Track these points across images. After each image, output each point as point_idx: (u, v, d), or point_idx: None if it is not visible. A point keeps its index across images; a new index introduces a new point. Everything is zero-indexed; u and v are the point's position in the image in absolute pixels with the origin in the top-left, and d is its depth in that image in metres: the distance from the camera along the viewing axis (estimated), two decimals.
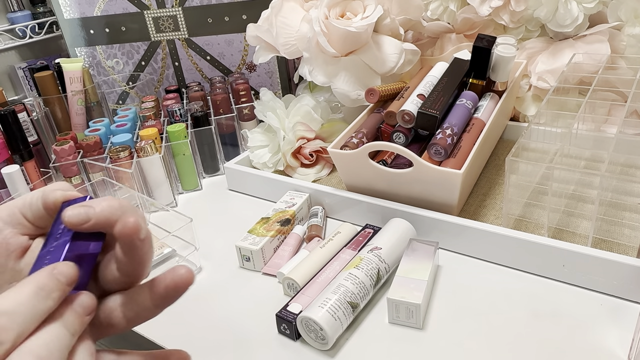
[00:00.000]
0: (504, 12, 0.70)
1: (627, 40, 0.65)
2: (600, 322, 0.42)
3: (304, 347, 0.43)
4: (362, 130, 0.60)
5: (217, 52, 0.89)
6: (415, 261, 0.47)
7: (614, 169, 0.60)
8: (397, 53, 0.65)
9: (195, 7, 0.85)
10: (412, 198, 0.55)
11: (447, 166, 0.52)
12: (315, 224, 0.58)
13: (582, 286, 0.46)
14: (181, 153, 0.69)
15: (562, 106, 0.63)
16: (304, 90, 0.87)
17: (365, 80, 0.65)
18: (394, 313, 0.44)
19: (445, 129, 0.55)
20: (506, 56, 0.60)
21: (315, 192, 0.62)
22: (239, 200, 0.69)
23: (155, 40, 0.90)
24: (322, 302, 0.42)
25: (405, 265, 0.46)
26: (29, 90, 1.14)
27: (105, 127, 0.74)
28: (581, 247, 0.45)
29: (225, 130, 0.78)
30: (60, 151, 0.66)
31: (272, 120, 0.69)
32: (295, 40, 0.67)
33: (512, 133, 0.73)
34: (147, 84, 0.93)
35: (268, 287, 0.51)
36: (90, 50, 0.93)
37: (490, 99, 0.62)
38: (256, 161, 0.71)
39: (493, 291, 0.47)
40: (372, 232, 0.53)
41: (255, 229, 0.56)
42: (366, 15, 0.63)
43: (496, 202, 0.59)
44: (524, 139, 0.51)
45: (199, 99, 0.81)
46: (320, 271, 0.48)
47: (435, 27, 0.77)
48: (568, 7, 0.65)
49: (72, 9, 0.89)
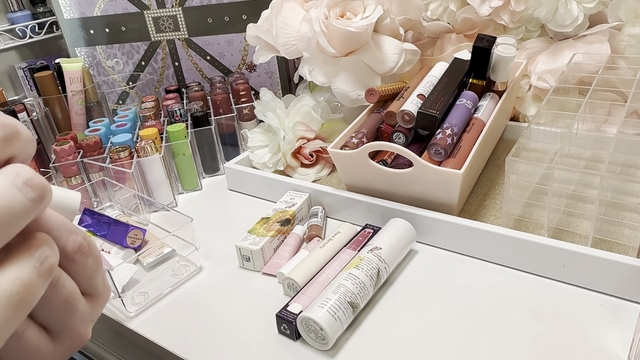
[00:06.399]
0: (504, 12, 0.70)
1: (627, 40, 0.65)
2: (600, 322, 0.42)
3: (304, 347, 0.43)
4: (362, 130, 0.60)
5: (217, 52, 0.89)
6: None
7: (614, 169, 0.60)
8: (397, 53, 0.65)
9: (195, 7, 0.85)
10: (412, 198, 0.55)
11: (447, 166, 0.52)
12: (315, 224, 0.58)
13: (582, 286, 0.46)
14: (181, 153, 0.69)
15: (562, 106, 0.63)
16: (304, 90, 0.87)
17: (365, 80, 0.65)
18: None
19: (445, 129, 0.55)
20: (506, 56, 0.60)
21: (315, 192, 0.62)
22: (239, 200, 0.69)
23: (155, 40, 0.90)
24: (322, 302, 0.42)
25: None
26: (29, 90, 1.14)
27: (105, 127, 0.74)
28: (581, 247, 0.45)
29: (225, 130, 0.78)
30: (60, 151, 0.66)
31: (272, 120, 0.69)
32: (295, 40, 0.67)
33: (512, 133, 0.73)
34: (147, 84, 0.93)
35: (268, 287, 0.51)
36: (90, 50, 0.93)
37: (490, 99, 0.62)
38: (256, 161, 0.71)
39: (493, 291, 0.47)
40: (372, 232, 0.53)
41: (255, 229, 0.56)
42: (366, 15, 0.63)
43: (496, 202, 0.59)
44: (524, 139, 0.51)
45: (199, 99, 0.81)
46: (320, 271, 0.48)
47: (435, 27, 0.77)
48: (568, 7, 0.65)
49: (72, 9, 0.89)
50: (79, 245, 0.22)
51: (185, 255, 0.56)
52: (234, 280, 0.53)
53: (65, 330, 0.23)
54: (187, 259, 0.56)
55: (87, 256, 0.23)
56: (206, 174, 0.77)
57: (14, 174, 0.18)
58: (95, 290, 0.24)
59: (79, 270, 0.23)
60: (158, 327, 0.47)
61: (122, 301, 0.48)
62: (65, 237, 0.22)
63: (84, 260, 0.23)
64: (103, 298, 0.25)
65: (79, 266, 0.22)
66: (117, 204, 0.69)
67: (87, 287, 0.24)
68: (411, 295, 0.48)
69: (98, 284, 0.24)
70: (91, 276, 0.23)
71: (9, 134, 0.19)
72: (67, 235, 0.22)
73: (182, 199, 0.71)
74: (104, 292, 0.25)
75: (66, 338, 0.23)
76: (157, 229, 0.63)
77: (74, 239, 0.22)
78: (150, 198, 0.65)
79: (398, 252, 0.50)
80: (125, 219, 0.62)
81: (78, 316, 0.23)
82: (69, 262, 0.22)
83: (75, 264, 0.22)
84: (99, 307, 0.25)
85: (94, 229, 0.59)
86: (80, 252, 0.22)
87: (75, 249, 0.22)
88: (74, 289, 0.23)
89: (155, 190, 0.68)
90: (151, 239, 0.59)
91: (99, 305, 0.25)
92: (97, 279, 0.24)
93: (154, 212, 0.66)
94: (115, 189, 0.66)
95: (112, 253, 0.56)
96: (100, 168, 0.67)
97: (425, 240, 0.55)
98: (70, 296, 0.22)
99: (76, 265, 0.22)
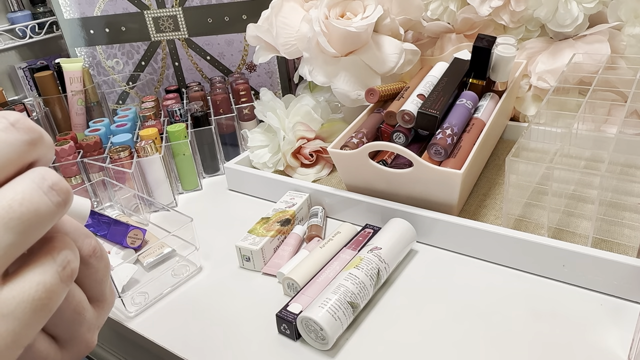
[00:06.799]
0: (504, 12, 0.70)
1: (627, 40, 0.65)
2: (600, 322, 0.42)
3: (304, 347, 0.43)
4: (362, 130, 0.60)
5: (217, 52, 0.89)
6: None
7: (614, 169, 0.60)
8: (397, 53, 0.65)
9: (195, 7, 0.85)
10: (412, 198, 0.55)
11: (447, 166, 0.52)
12: (315, 224, 0.58)
13: (582, 286, 0.46)
14: (181, 153, 0.69)
15: (562, 106, 0.63)
16: (304, 90, 0.87)
17: (365, 80, 0.65)
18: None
19: (445, 129, 0.55)
20: (506, 56, 0.60)
21: (315, 192, 0.62)
22: (239, 200, 0.69)
23: (155, 40, 0.90)
24: (322, 302, 0.42)
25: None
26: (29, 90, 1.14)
27: (105, 127, 0.74)
28: (581, 247, 0.45)
29: (225, 130, 0.78)
30: (60, 151, 0.66)
31: (272, 120, 0.69)
32: (295, 40, 0.67)
33: (512, 133, 0.73)
34: (147, 84, 0.93)
35: (268, 287, 0.51)
36: (90, 50, 0.93)
37: (490, 99, 0.62)
38: (256, 161, 0.71)
39: (493, 291, 0.47)
40: (372, 232, 0.53)
41: (255, 229, 0.56)
42: (366, 15, 0.63)
43: (496, 202, 0.59)
44: (524, 139, 0.51)
45: (199, 99, 0.81)
46: (320, 271, 0.48)
47: (435, 27, 0.77)
48: (568, 7, 0.65)
49: (72, 9, 0.89)
50: (94, 248, 0.22)
51: (185, 255, 0.56)
52: (234, 280, 0.53)
53: (72, 339, 0.23)
54: (187, 259, 0.56)
55: (100, 260, 0.23)
56: (206, 174, 0.77)
57: (40, 177, 0.18)
58: (102, 295, 0.24)
59: (92, 275, 0.23)
60: (158, 327, 0.47)
61: (122, 301, 0.48)
62: (81, 241, 0.22)
63: (98, 264, 0.23)
64: (109, 303, 0.25)
65: (92, 270, 0.23)
66: (117, 204, 0.69)
67: (97, 291, 0.24)
68: (411, 295, 0.48)
69: (106, 288, 0.24)
70: (102, 280, 0.23)
71: (35, 138, 0.19)
72: (82, 239, 0.22)
73: (182, 199, 0.71)
74: (110, 297, 0.25)
75: (73, 346, 0.23)
76: (157, 229, 0.63)
77: (89, 243, 0.22)
78: (150, 198, 0.65)
79: (398, 252, 0.50)
80: (125, 219, 0.62)
81: (85, 325, 0.23)
82: (84, 265, 0.22)
83: (89, 268, 0.22)
84: (105, 313, 0.25)
85: (94, 229, 0.59)
86: (94, 255, 0.22)
87: (90, 253, 0.22)
88: (83, 299, 0.23)
89: (155, 190, 0.68)
90: (151, 239, 0.59)
91: (105, 311, 0.25)
92: (107, 284, 0.24)
93: (154, 212, 0.66)
94: (115, 189, 0.66)
95: (112, 253, 0.56)
96: (100, 168, 0.67)
97: (425, 240, 0.55)
98: (79, 306, 0.22)
99: (90, 269, 0.22)
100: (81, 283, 0.23)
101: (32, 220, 0.18)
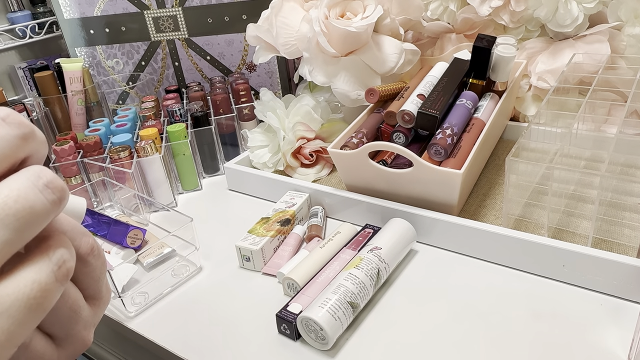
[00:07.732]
0: (504, 12, 0.70)
1: (627, 40, 0.65)
2: (600, 322, 0.42)
3: (304, 347, 0.43)
4: (362, 130, 0.60)
5: (217, 52, 0.89)
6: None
7: (614, 169, 0.60)
8: (397, 53, 0.65)
9: (195, 7, 0.85)
10: (412, 198, 0.55)
11: (447, 166, 0.52)
12: (315, 224, 0.58)
13: (582, 286, 0.46)
14: (181, 153, 0.69)
15: (562, 106, 0.63)
16: (304, 90, 0.87)
17: (365, 80, 0.65)
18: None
19: (445, 129, 0.55)
20: (506, 56, 0.60)
21: (315, 192, 0.62)
22: (239, 200, 0.69)
23: (155, 40, 0.90)
24: (322, 302, 0.42)
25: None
26: (29, 90, 1.14)
27: (105, 127, 0.74)
28: (581, 247, 0.45)
29: (225, 130, 0.78)
30: (60, 151, 0.66)
31: (272, 120, 0.69)
32: (295, 40, 0.67)
33: (512, 133, 0.73)
34: (147, 84, 0.93)
35: (268, 287, 0.51)
36: (90, 50, 0.93)
37: (490, 99, 0.62)
38: (256, 161, 0.71)
39: (493, 291, 0.47)
40: (372, 232, 0.53)
41: (255, 229, 0.56)
42: (366, 15, 0.63)
43: (496, 202, 0.59)
44: (524, 139, 0.51)
45: (199, 99, 0.81)
46: (320, 271, 0.48)
47: (435, 27, 0.77)
48: (568, 7, 0.65)
49: (72, 9, 0.89)
50: (92, 247, 0.22)
51: (185, 255, 0.56)
52: (234, 280, 0.53)
53: (69, 337, 0.23)
54: (187, 259, 0.56)
55: (98, 258, 0.23)
56: (206, 174, 0.77)
57: (35, 175, 0.18)
58: (99, 293, 0.24)
59: (90, 273, 0.23)
60: (158, 327, 0.47)
61: (122, 301, 0.48)
62: (79, 240, 0.22)
63: (95, 262, 0.23)
64: (105, 301, 0.25)
65: (90, 268, 0.23)
66: (117, 204, 0.69)
67: (93, 289, 0.24)
68: (411, 295, 0.48)
69: (103, 286, 0.24)
70: (99, 278, 0.23)
71: (27, 132, 0.19)
72: (80, 237, 0.22)
73: (182, 199, 0.71)
74: (107, 294, 0.25)
75: (70, 344, 0.23)
76: (157, 229, 0.63)
77: (86, 241, 0.22)
78: (150, 198, 0.65)
79: (398, 252, 0.50)
80: (125, 219, 0.62)
81: (81, 323, 0.23)
82: (82, 264, 0.22)
83: (87, 266, 0.22)
84: (101, 311, 0.25)
85: (94, 229, 0.58)
86: (92, 254, 0.22)
87: (88, 251, 0.22)
88: (79, 297, 0.23)
89: (155, 190, 0.68)
90: (151, 239, 0.59)
91: (101, 308, 0.25)
92: (103, 282, 0.24)
93: (154, 212, 0.66)
94: (115, 189, 0.66)
95: (112, 253, 0.56)
96: (100, 168, 0.67)
97: (425, 240, 0.55)
98: (75, 304, 0.22)
99: (88, 267, 0.22)
100: (78, 281, 0.23)
101: (27, 218, 0.18)
